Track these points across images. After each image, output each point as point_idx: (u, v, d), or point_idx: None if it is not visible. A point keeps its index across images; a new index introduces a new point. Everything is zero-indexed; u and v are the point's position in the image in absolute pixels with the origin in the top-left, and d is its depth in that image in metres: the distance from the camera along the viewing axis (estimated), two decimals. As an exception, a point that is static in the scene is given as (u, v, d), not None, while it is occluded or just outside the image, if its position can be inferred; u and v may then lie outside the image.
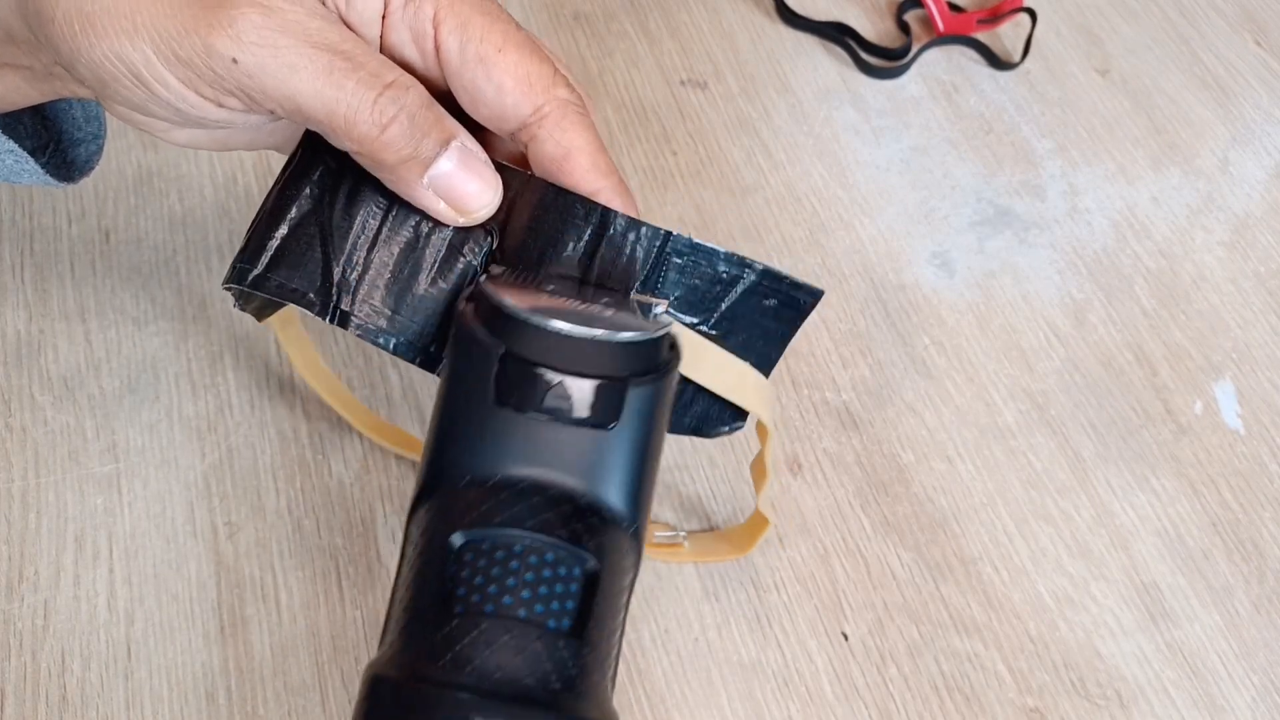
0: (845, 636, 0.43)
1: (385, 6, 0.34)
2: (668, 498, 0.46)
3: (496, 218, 0.35)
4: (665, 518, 0.46)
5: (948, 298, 0.52)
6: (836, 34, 0.61)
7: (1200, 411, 0.49)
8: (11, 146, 0.38)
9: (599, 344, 0.32)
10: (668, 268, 0.35)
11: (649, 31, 0.61)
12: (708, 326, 0.37)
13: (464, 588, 0.30)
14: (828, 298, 0.52)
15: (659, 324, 0.34)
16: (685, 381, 0.37)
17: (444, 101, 0.34)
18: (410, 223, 0.35)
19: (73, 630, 0.42)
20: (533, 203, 0.35)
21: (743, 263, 0.36)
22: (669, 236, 0.35)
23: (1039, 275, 0.53)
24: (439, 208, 0.34)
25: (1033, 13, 0.62)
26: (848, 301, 0.52)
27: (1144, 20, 0.63)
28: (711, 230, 0.53)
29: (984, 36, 0.62)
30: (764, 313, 0.37)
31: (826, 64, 0.61)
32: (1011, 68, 0.61)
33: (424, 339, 0.36)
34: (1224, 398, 0.50)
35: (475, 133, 0.35)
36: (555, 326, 0.31)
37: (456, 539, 0.30)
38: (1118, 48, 0.62)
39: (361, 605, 0.43)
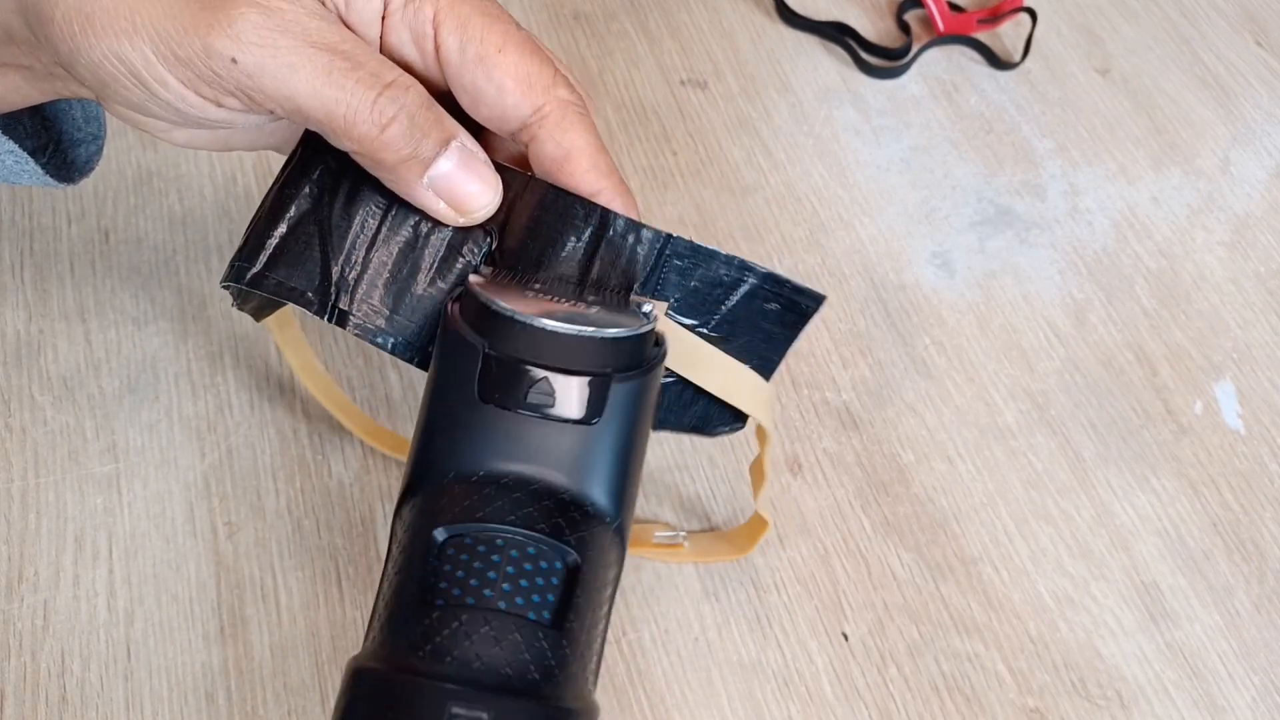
0: (845, 637, 0.43)
1: (385, 7, 0.34)
2: (668, 498, 0.46)
3: (496, 218, 0.35)
4: (665, 518, 0.46)
5: (948, 298, 0.52)
6: (837, 34, 0.61)
7: (1200, 411, 0.49)
8: (11, 147, 0.38)
9: (582, 340, 0.32)
10: (668, 270, 0.35)
11: (649, 31, 0.61)
12: (708, 329, 0.36)
13: (445, 581, 0.30)
14: (828, 298, 0.52)
15: (642, 321, 0.34)
16: (685, 383, 0.37)
17: (444, 102, 0.34)
18: (409, 222, 0.35)
19: (72, 630, 0.42)
20: (533, 204, 0.35)
21: (744, 266, 0.36)
22: (669, 239, 0.35)
23: (1039, 275, 0.53)
24: (439, 208, 0.34)
25: (1033, 12, 0.62)
26: (848, 301, 0.52)
27: (1144, 20, 0.63)
28: (711, 230, 0.53)
29: (984, 36, 0.62)
30: (766, 316, 0.36)
31: (826, 64, 0.61)
32: (1012, 67, 0.61)
33: (422, 339, 0.36)
34: (1224, 398, 0.50)
35: (475, 133, 0.35)
36: (538, 323, 0.32)
37: (439, 534, 0.31)
38: (1118, 47, 0.62)
39: (361, 605, 0.43)
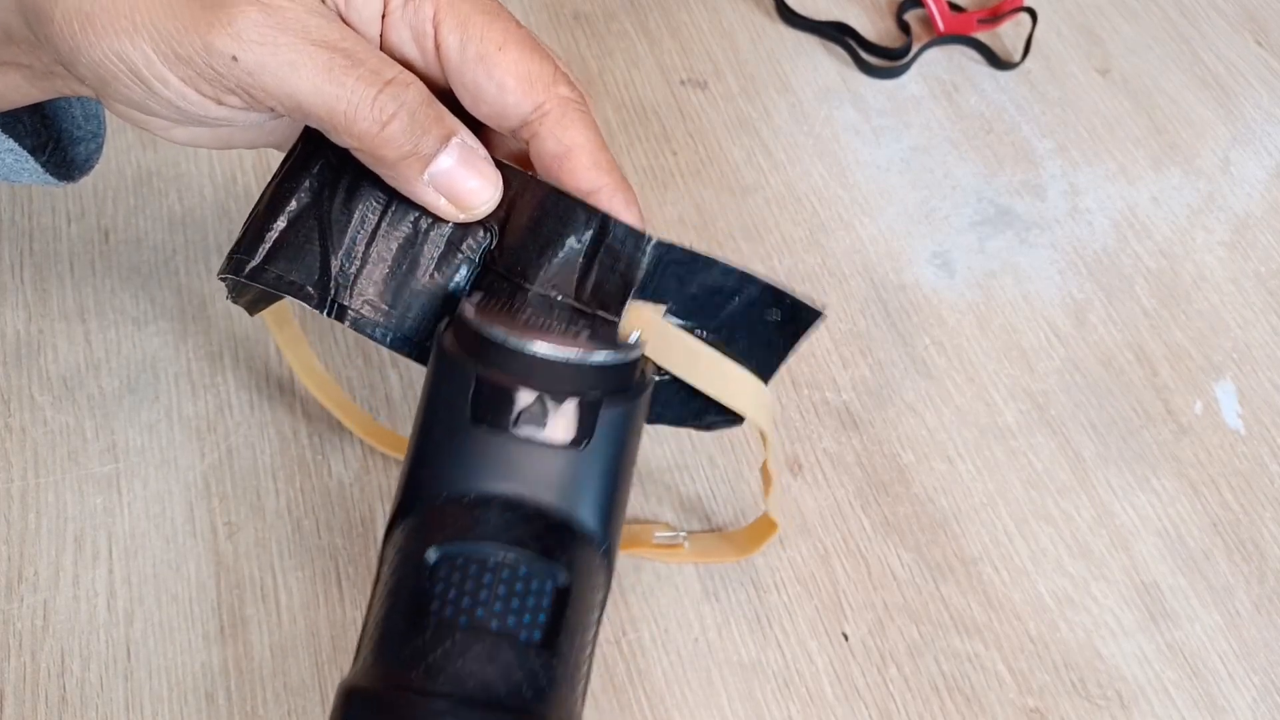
0: (845, 637, 0.43)
1: (385, 6, 0.34)
2: (668, 498, 0.46)
3: (496, 215, 0.35)
4: (665, 518, 0.46)
5: (948, 298, 0.52)
6: (837, 34, 0.61)
7: (1201, 411, 0.49)
8: (11, 145, 0.38)
9: (572, 365, 0.32)
10: (667, 276, 0.35)
11: (649, 31, 0.61)
12: (707, 332, 0.36)
13: (437, 601, 0.30)
14: (828, 297, 0.52)
15: (632, 347, 0.34)
16: (681, 383, 0.37)
17: (445, 100, 0.34)
18: (409, 218, 0.35)
19: (72, 630, 0.42)
20: (533, 204, 0.35)
21: (745, 277, 0.35)
22: (669, 248, 0.35)
23: (1039, 275, 0.53)
24: (439, 204, 0.34)
25: (1033, 12, 0.62)
26: (848, 301, 0.52)
27: (1144, 20, 0.63)
28: (711, 230, 0.53)
29: (984, 36, 0.62)
30: (765, 324, 0.36)
31: (827, 64, 0.61)
32: (1012, 67, 0.61)
33: (420, 334, 0.36)
34: (1224, 398, 0.50)
35: (476, 131, 0.35)
36: (530, 348, 0.32)
37: (431, 554, 0.31)
38: (1118, 47, 0.62)
39: (361, 605, 0.43)
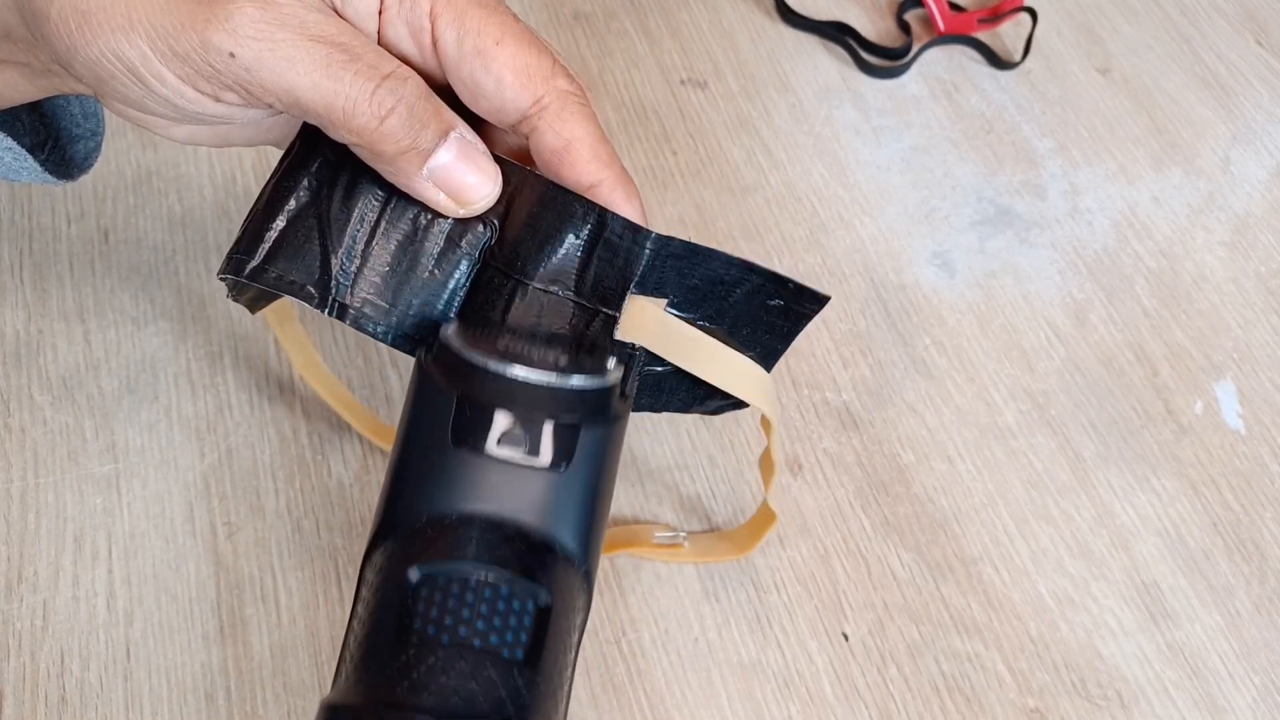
0: (846, 637, 0.43)
1: (381, 2, 0.34)
2: (668, 498, 0.46)
3: (495, 211, 0.35)
4: (665, 518, 0.45)
5: (948, 297, 0.52)
6: (837, 33, 0.61)
7: (1201, 411, 0.49)
8: (10, 144, 0.38)
9: (552, 389, 0.32)
10: (666, 269, 0.35)
11: (649, 31, 0.61)
12: (710, 322, 0.36)
13: (420, 620, 0.30)
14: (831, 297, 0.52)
15: (611, 372, 0.34)
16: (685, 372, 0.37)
17: (443, 96, 0.34)
18: (409, 215, 0.35)
19: (72, 631, 0.42)
20: (532, 199, 0.35)
21: (748, 266, 0.35)
22: (668, 242, 0.35)
23: (1040, 275, 0.53)
24: (439, 199, 0.34)
25: (1033, 12, 0.61)
26: (848, 301, 0.52)
27: (1145, 19, 0.63)
28: (711, 229, 0.53)
29: (984, 36, 0.62)
30: (769, 311, 0.36)
31: (827, 63, 0.61)
32: (1012, 67, 0.61)
33: (420, 331, 0.36)
34: (1225, 398, 0.50)
35: (476, 127, 0.35)
36: (510, 372, 0.32)
37: (413, 573, 0.31)
38: (1119, 47, 0.62)
39: (361, 605, 0.43)
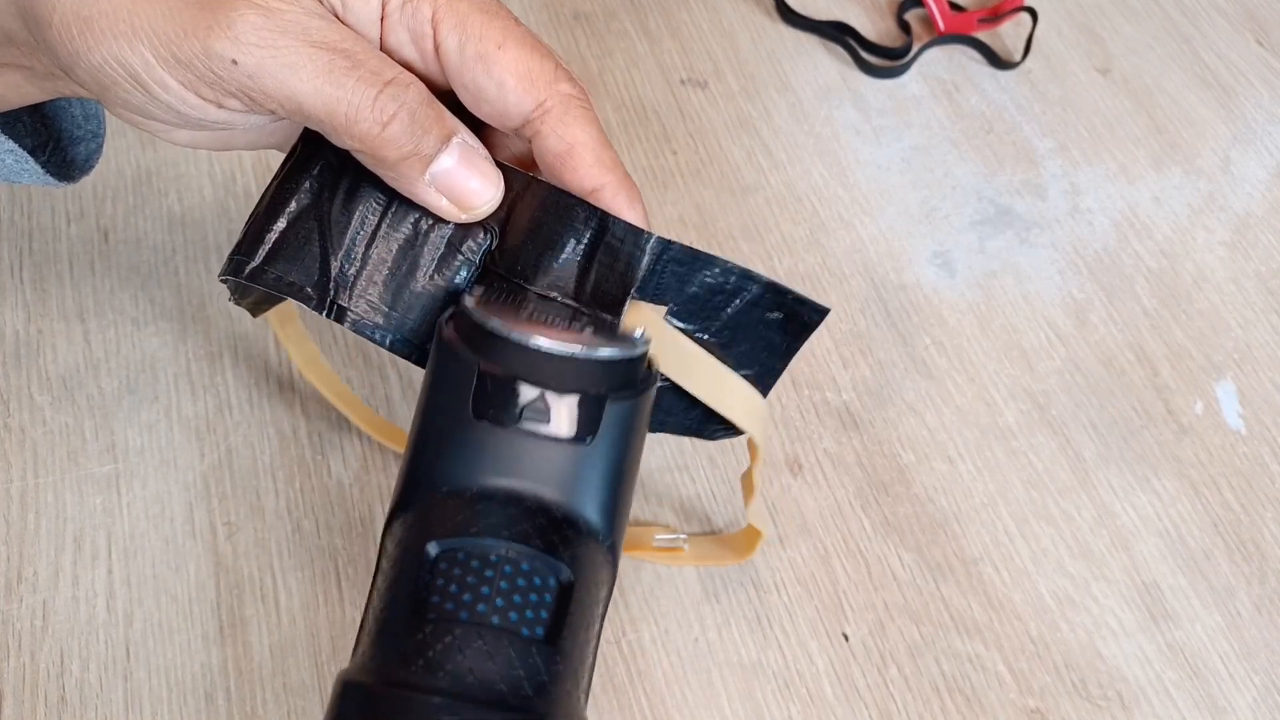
0: (846, 637, 0.43)
1: (383, 8, 0.34)
2: (667, 499, 0.46)
3: (496, 216, 0.35)
4: (665, 519, 0.45)
5: (948, 297, 0.52)
6: (837, 33, 0.61)
7: (1201, 411, 0.49)
8: (11, 146, 0.38)
9: (578, 360, 0.32)
10: (666, 275, 0.35)
11: (649, 31, 0.61)
12: (709, 334, 0.36)
13: (438, 595, 0.30)
14: (828, 297, 0.52)
15: (638, 343, 0.34)
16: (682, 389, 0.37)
17: (446, 101, 0.34)
18: (410, 219, 0.35)
19: (71, 631, 0.42)
20: (534, 205, 0.35)
21: (746, 275, 0.35)
22: (668, 245, 0.34)
23: (1040, 275, 0.53)
24: (441, 204, 0.34)
25: (1034, 12, 0.61)
26: (848, 301, 0.52)
27: (1145, 19, 0.63)
28: (711, 229, 0.53)
29: (985, 36, 0.62)
30: (768, 325, 0.36)
31: (827, 63, 0.61)
32: (1012, 67, 0.61)
33: (419, 335, 0.36)
34: (1225, 398, 0.50)
35: (478, 132, 0.35)
36: (534, 343, 0.31)
37: (432, 548, 0.30)
38: (1119, 47, 0.62)
39: (361, 606, 0.43)
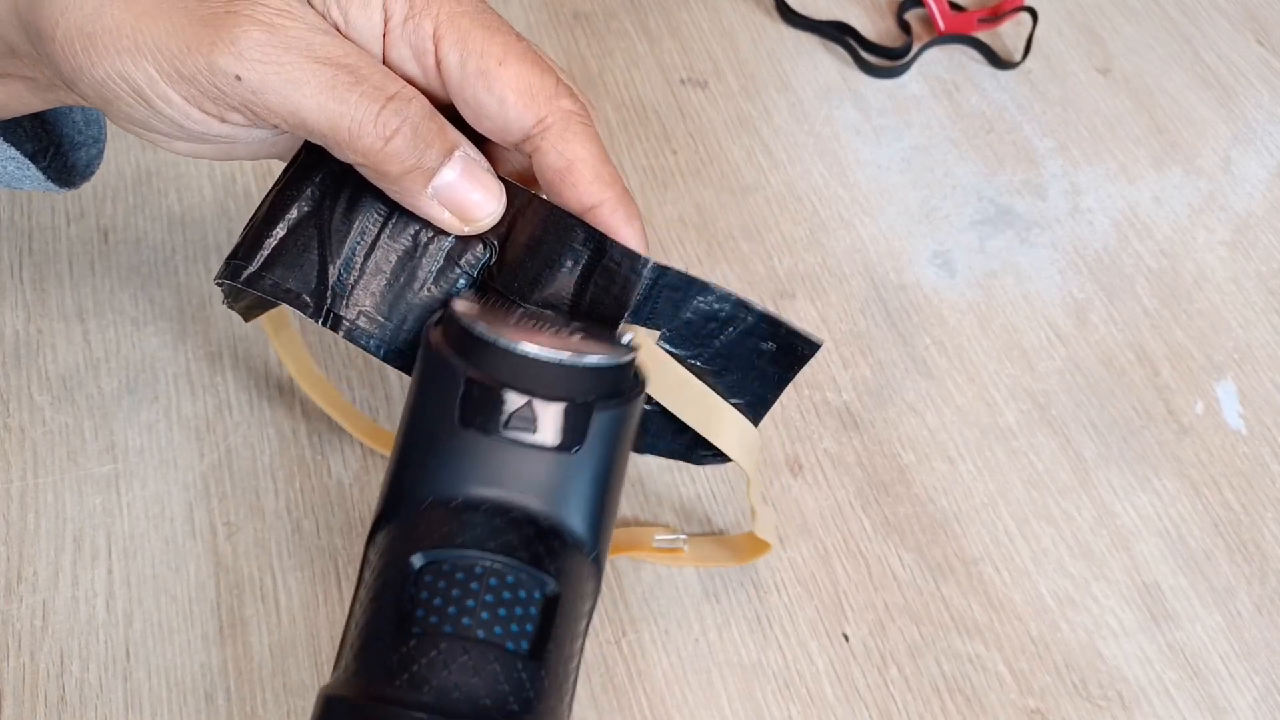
0: (846, 637, 0.43)
1: (385, 24, 0.34)
2: (668, 499, 0.46)
3: (496, 232, 0.35)
4: (665, 519, 0.45)
5: (949, 297, 0.52)
6: (837, 33, 0.61)
7: (1202, 412, 0.49)
8: (13, 154, 0.38)
9: (565, 368, 0.31)
10: (661, 300, 0.35)
11: (649, 30, 0.61)
12: (701, 361, 0.36)
13: (422, 609, 0.29)
14: (828, 297, 0.52)
15: (625, 350, 0.33)
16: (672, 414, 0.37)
17: (447, 115, 0.34)
18: (409, 231, 0.35)
19: (71, 631, 0.42)
20: (534, 222, 0.35)
21: (741, 304, 0.35)
22: (664, 271, 0.34)
23: (1040, 275, 0.53)
24: (443, 217, 0.34)
25: (1034, 12, 0.61)
26: (848, 301, 0.52)
27: (1145, 19, 0.63)
28: (711, 229, 0.53)
29: (985, 36, 0.62)
30: (761, 355, 0.36)
31: (827, 63, 0.61)
32: (1013, 67, 0.61)
33: (414, 347, 0.35)
34: (1226, 398, 0.50)
35: (480, 147, 0.35)
36: (521, 349, 0.31)
37: (417, 560, 0.30)
38: (1119, 47, 0.62)
39: (361, 606, 0.43)
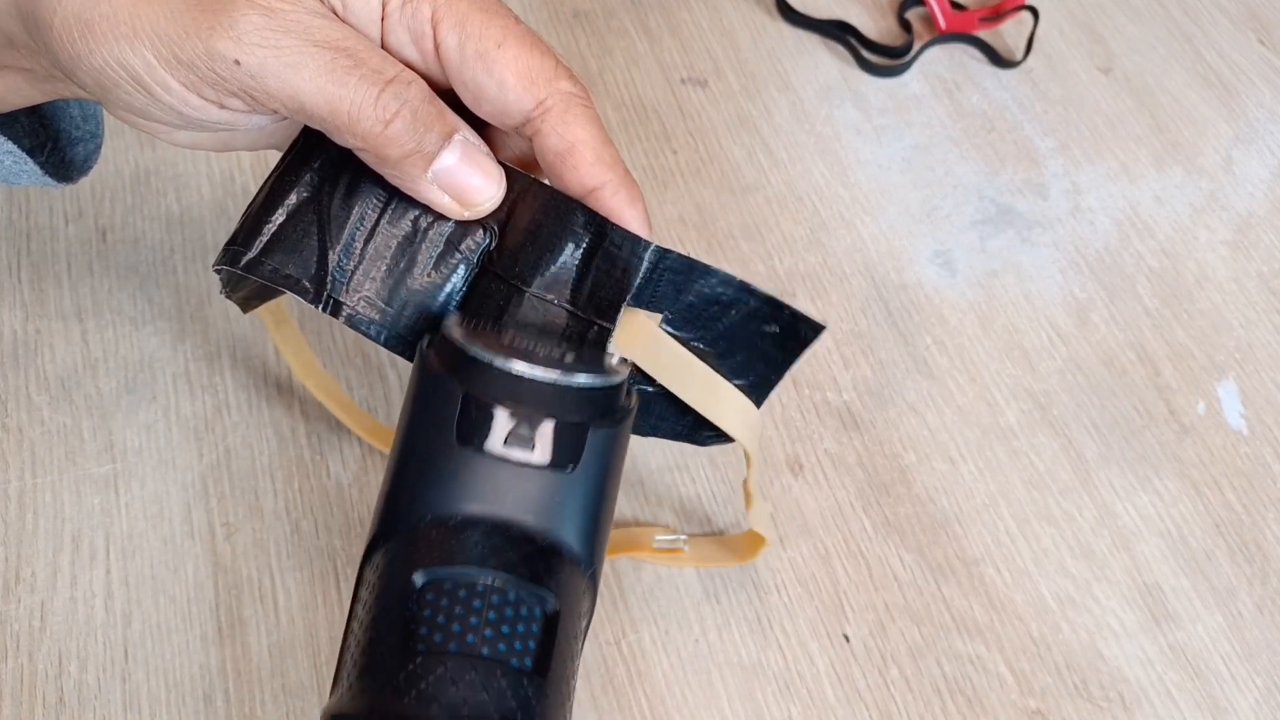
0: (847, 638, 0.43)
1: (383, 8, 0.33)
2: (668, 499, 0.46)
3: (496, 216, 0.35)
4: (666, 520, 0.45)
5: (950, 297, 0.52)
6: (838, 32, 0.61)
7: (1203, 412, 0.49)
8: (10, 148, 0.38)
9: (560, 388, 0.32)
10: (663, 284, 0.35)
11: (649, 29, 0.61)
12: (704, 344, 0.36)
13: (426, 627, 0.29)
14: (829, 296, 0.51)
15: (619, 370, 0.34)
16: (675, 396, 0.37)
17: (447, 100, 0.34)
18: (409, 216, 0.35)
19: (70, 632, 0.42)
20: (534, 207, 0.35)
21: (744, 288, 0.35)
22: (666, 254, 0.34)
23: (1041, 274, 0.53)
24: (443, 201, 0.34)
25: (1035, 11, 0.61)
26: (849, 301, 0.52)
27: (1147, 18, 0.63)
28: (711, 229, 0.53)
29: (986, 35, 0.62)
30: (763, 338, 0.36)
31: (828, 62, 0.60)
32: (1014, 66, 0.61)
33: (414, 333, 0.35)
34: (1227, 398, 0.49)
35: (479, 130, 0.35)
36: (518, 369, 0.31)
37: (418, 578, 0.30)
38: (1120, 46, 0.62)
39: (360, 607, 0.43)
